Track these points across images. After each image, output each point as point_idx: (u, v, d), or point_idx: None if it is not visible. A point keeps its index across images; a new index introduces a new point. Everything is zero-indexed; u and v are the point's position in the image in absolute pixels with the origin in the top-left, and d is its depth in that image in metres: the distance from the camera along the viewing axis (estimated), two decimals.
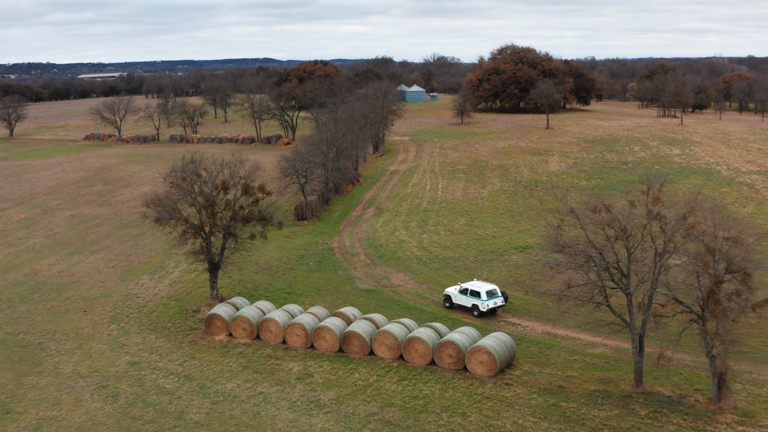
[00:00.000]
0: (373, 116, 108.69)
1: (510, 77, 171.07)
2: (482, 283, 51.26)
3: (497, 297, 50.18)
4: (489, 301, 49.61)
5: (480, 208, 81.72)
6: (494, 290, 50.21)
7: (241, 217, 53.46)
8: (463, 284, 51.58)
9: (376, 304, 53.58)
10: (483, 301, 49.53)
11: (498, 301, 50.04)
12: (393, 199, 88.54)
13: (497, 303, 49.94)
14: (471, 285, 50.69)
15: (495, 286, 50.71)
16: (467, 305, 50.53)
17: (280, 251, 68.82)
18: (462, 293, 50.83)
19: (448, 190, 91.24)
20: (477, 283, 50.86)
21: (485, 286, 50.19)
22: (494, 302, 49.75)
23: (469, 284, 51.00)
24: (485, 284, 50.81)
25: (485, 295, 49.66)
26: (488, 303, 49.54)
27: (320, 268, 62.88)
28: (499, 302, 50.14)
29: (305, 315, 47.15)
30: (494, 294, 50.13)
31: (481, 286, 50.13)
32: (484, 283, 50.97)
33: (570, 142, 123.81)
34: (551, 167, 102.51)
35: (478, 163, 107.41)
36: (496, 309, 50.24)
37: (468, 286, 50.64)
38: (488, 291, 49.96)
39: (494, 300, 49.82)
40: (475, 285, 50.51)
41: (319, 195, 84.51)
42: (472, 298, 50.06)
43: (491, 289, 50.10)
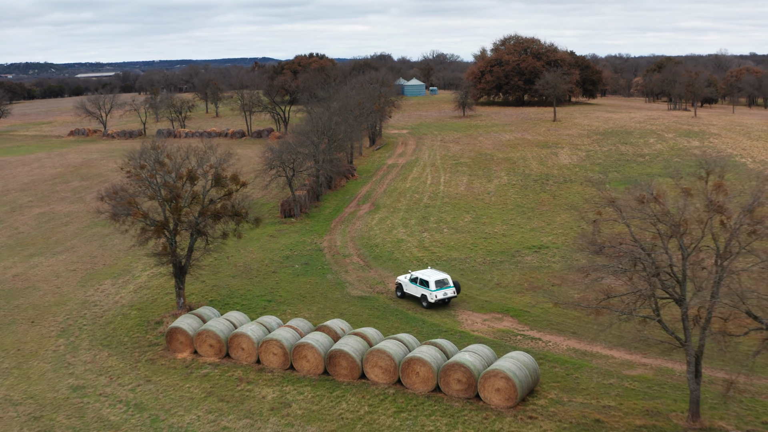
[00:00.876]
0: (369, 105, 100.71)
1: (514, 68, 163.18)
2: (433, 271, 47.51)
3: (448, 287, 46.39)
4: (438, 291, 45.92)
5: (487, 204, 73.84)
6: (445, 280, 46.51)
7: (211, 212, 45.61)
8: (414, 272, 47.91)
9: (370, 315, 45.70)
10: (431, 291, 45.86)
11: (449, 292, 46.29)
12: (390, 194, 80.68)
13: (447, 294, 46.20)
14: (421, 274, 47.12)
15: (446, 276, 46.89)
16: (417, 295, 47.05)
17: (263, 252, 60.92)
18: (412, 282, 47.33)
19: (451, 185, 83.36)
20: (427, 272, 47.29)
21: (435, 276, 46.50)
22: (444, 293, 46.05)
23: (420, 273, 47.41)
24: (436, 273, 47.09)
25: (434, 285, 45.94)
26: (437, 294, 45.85)
27: (307, 272, 55.02)
28: (450, 293, 46.33)
29: (284, 329, 39.25)
30: (445, 284, 46.40)
31: (431, 275, 46.47)
32: (435, 272, 47.26)
33: (579, 134, 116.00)
34: (562, 160, 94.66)
35: (482, 156, 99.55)
36: (446, 300, 46.49)
37: (418, 275, 47.02)
38: (438, 281, 46.13)
39: (444, 291, 46.11)
40: (425, 274, 46.93)
41: (308, 190, 76.64)
42: (421, 287, 46.54)
43: (441, 279, 46.38)
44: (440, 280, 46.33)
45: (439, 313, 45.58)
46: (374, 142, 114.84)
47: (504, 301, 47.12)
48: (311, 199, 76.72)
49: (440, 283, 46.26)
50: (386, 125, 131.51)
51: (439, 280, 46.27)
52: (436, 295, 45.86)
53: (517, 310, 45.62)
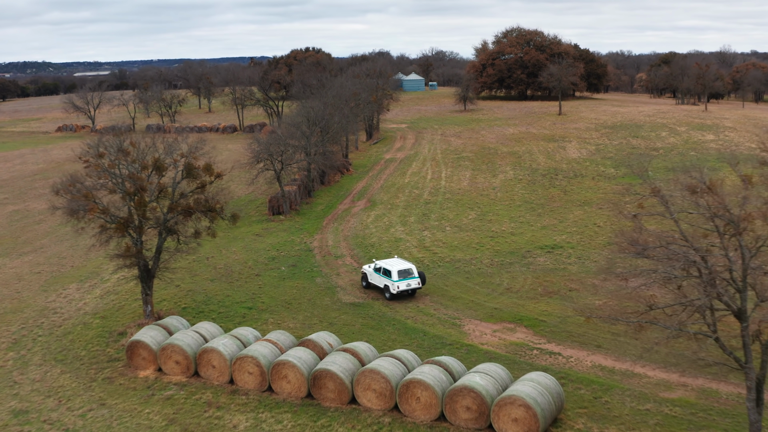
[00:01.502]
0: (365, 96, 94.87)
1: (516, 61, 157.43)
2: (397, 261, 44.87)
3: (412, 278, 43.53)
4: (401, 282, 43.05)
5: (492, 200, 68.12)
6: (408, 270, 43.67)
7: (181, 207, 39.90)
8: (378, 262, 45.08)
9: (363, 325, 39.98)
10: (393, 281, 43.01)
11: (412, 283, 43.41)
12: (388, 189, 74.95)
13: (411, 285, 43.33)
14: (384, 263, 44.41)
15: (411, 266, 44.09)
16: (380, 286, 44.33)
17: (246, 252, 55.20)
18: (376, 272, 44.61)
19: (453, 180, 77.63)
20: (390, 261, 44.62)
21: (398, 265, 43.74)
22: (407, 284, 43.21)
23: (383, 262, 44.72)
24: (400, 262, 44.33)
25: (396, 275, 43.08)
26: (399, 284, 42.96)
27: (294, 275, 49.30)
28: (414, 284, 43.44)
29: (261, 344, 33.53)
30: (408, 274, 43.56)
31: (394, 265, 43.74)
32: (399, 261, 44.58)
33: (587, 128, 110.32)
34: (570, 154, 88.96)
35: (485, 151, 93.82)
36: (410, 292, 43.58)
37: (382, 265, 44.28)
38: (400, 270, 43.29)
39: (407, 282, 43.26)
40: (388, 263, 44.23)
41: (299, 185, 70.91)
42: (384, 278, 43.77)
43: (405, 269, 43.54)
44: (404, 270, 43.42)
45: (443, 323, 39.85)
46: (371, 136, 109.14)
47: (516, 309, 41.44)
48: (302, 195, 71.03)
49: (403, 273, 43.36)
50: (384, 119, 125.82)
51: (403, 270, 43.36)
52: (398, 285, 42.94)
53: (531, 319, 39.94)
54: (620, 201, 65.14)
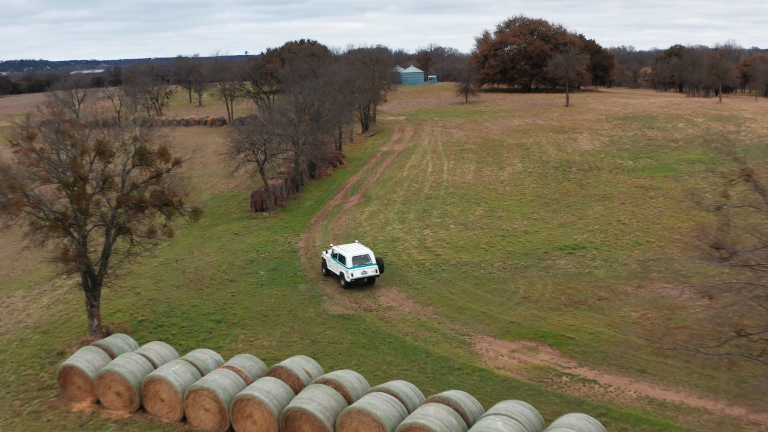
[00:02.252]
0: (361, 83, 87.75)
1: (520, 52, 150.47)
2: (355, 246, 41.47)
3: (368, 265, 39.89)
4: (356, 269, 39.58)
5: (500, 195, 61.11)
6: (365, 256, 40.04)
7: (132, 201, 32.92)
8: (336, 247, 41.71)
9: (353, 343, 33.00)
10: (348, 269, 39.59)
11: (369, 270, 39.83)
12: (384, 183, 67.96)
13: (367, 273, 39.73)
14: (340, 248, 41.15)
15: (367, 251, 40.37)
16: (337, 273, 41.00)
17: (222, 254, 48.23)
18: (333, 258, 41.34)
19: (456, 173, 70.64)
20: (347, 247, 41.33)
21: (353, 251, 40.40)
22: (363, 271, 39.66)
23: (340, 247, 41.39)
24: (356, 248, 40.95)
25: (350, 262, 39.63)
26: (354, 272, 39.51)
27: (274, 280, 42.32)
28: (371, 272, 39.83)
29: (222, 372, 26.56)
30: (364, 261, 39.91)
31: (348, 251, 40.46)
32: (355, 247, 41.20)
33: (597, 119, 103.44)
34: (583, 146, 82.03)
35: (490, 143, 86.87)
36: (365, 280, 40.10)
37: (338, 250, 40.92)
38: (355, 257, 39.82)
39: (363, 269, 39.70)
40: (344, 248, 40.98)
41: (286, 179, 63.91)
42: (340, 264, 40.45)
43: (360, 255, 39.99)
44: (359, 256, 39.86)
45: (449, 341, 32.87)
46: (367, 128, 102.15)
47: (537, 323, 34.49)
48: (289, 190, 64.04)
49: (359, 259, 39.79)
50: (381, 111, 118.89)
51: (358, 256, 39.81)
52: (352, 273, 39.49)
53: (556, 335, 32.99)
54: (644, 195, 58.32)
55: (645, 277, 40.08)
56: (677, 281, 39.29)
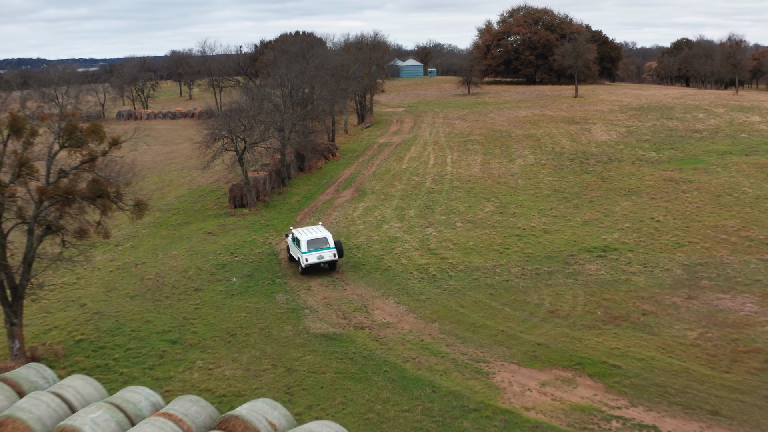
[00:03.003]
0: (356, 69, 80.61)
1: (524, 42, 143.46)
2: (313, 229, 38.16)
3: (325, 249, 36.56)
4: (311, 253, 36.24)
5: (513, 189, 54.07)
6: (321, 239, 36.73)
7: (59, 191, 25.88)
8: (295, 230, 38.53)
9: (338, 373, 25.95)
10: (303, 253, 36.32)
11: (325, 255, 36.49)
12: (381, 177, 60.92)
13: (323, 257, 36.46)
14: (298, 231, 37.99)
15: (325, 234, 37.05)
16: (296, 258, 37.82)
17: (190, 257, 41.20)
18: (293, 242, 38.15)
19: (462, 165, 63.60)
20: (304, 230, 38.16)
21: (309, 234, 37.11)
22: (319, 256, 36.36)
23: (298, 230, 38.13)
24: (314, 231, 37.67)
25: (305, 246, 36.34)
26: (309, 257, 36.20)
27: (247, 289, 35.30)
28: (327, 257, 36.51)
29: (156, 423, 19.56)
30: (321, 245, 36.60)
31: (304, 234, 37.17)
32: (313, 230, 37.91)
33: (610, 110, 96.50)
34: (598, 136, 75.06)
35: (496, 133, 79.89)
36: (323, 265, 37.01)
37: (296, 234, 37.73)
38: (311, 240, 36.48)
39: (319, 253, 36.38)
40: (301, 231, 37.80)
41: (271, 171, 56.88)
42: (297, 248, 37.25)
43: (316, 238, 36.65)
44: (315, 239, 36.48)
45: (461, 369, 25.85)
46: (363, 119, 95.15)
47: (570, 345, 27.49)
48: (274, 184, 57.00)
49: (315, 243, 36.43)
50: (378, 103, 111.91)
51: (314, 240, 36.43)
52: (307, 258, 36.10)
53: (596, 362, 26.01)
54: (676, 189, 51.40)
55: (695, 286, 33.12)
56: (734, 290, 32.37)
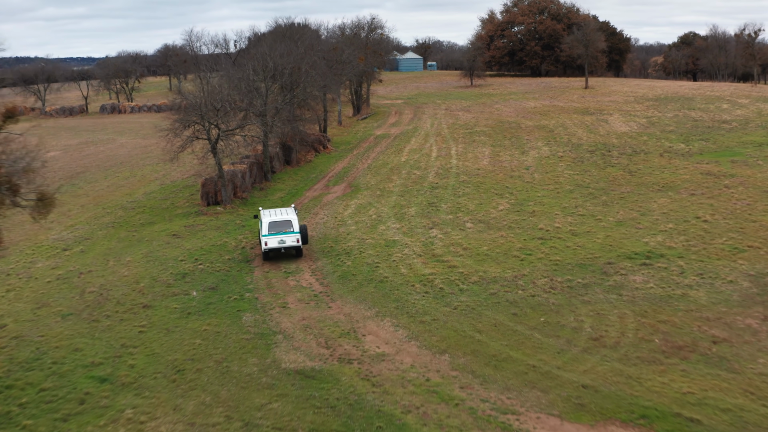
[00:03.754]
0: (349, 53, 73.55)
1: (529, 32, 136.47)
2: (281, 211, 34.55)
3: (288, 233, 32.89)
4: (271, 237, 32.66)
5: (528, 183, 47.05)
6: (284, 222, 33.02)
7: None
8: (263, 211, 35.13)
9: (315, 430, 19.01)
10: (263, 236, 32.86)
11: (288, 240, 32.81)
12: (377, 171, 53.94)
13: (285, 242, 32.79)
14: (264, 213, 34.44)
15: (289, 217, 33.25)
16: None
17: (146, 264, 34.21)
18: (261, 224, 34.27)
19: (468, 158, 56.60)
20: (269, 211, 34.64)
21: (273, 216, 33.52)
22: (280, 240, 32.74)
23: (265, 212, 34.70)
24: (280, 213, 34.01)
25: (266, 228, 32.94)
26: (269, 240, 32.64)
27: (208, 306, 28.29)
28: (290, 242, 32.81)
29: None
30: (284, 228, 32.92)
31: (267, 215, 33.66)
32: (279, 211, 34.29)
33: (626, 100, 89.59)
34: (617, 127, 68.16)
35: (504, 125, 72.98)
36: (284, 251, 33.28)
37: (261, 215, 34.28)
38: (272, 222, 33.00)
39: (281, 237, 32.78)
40: (265, 213, 34.22)
41: (252, 165, 49.93)
42: (260, 231, 33.84)
43: (278, 221, 33.08)
44: (277, 221, 33.18)
45: (482, 424, 18.86)
46: (359, 110, 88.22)
47: (627, 388, 20.50)
48: (256, 178, 50.06)
49: (276, 225, 33.10)
50: (374, 94, 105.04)
51: (276, 222, 33.14)
52: (267, 242, 32.86)
53: (666, 415, 19.02)
54: (717, 184, 44.52)
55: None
56: None
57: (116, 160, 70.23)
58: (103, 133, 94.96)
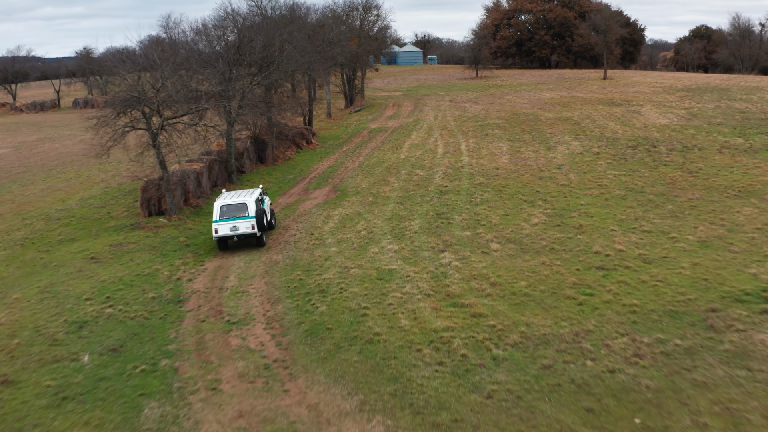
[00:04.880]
0: (339, 32, 63.10)
1: (538, 20, 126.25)
2: (241, 192, 29.12)
3: (241, 219, 27.25)
4: (222, 223, 27.33)
5: (565, 186, 36.62)
6: (237, 206, 27.52)
7: None
8: (225, 192, 30.18)
9: None
10: (213, 222, 27.60)
11: (241, 226, 27.23)
12: (370, 170, 43.58)
13: (238, 230, 27.34)
14: (222, 195, 29.22)
15: (245, 200, 27.52)
16: None
17: (38, 305, 23.90)
18: None
19: (483, 154, 46.26)
20: (231, 194, 29.21)
21: (228, 198, 28.31)
22: (232, 227, 27.23)
23: (227, 193, 29.47)
24: (238, 195, 28.60)
25: (217, 213, 27.55)
26: (220, 227, 27.36)
27: (98, 385, 17.94)
28: (243, 228, 27.28)
29: None
30: (237, 212, 27.37)
31: (221, 198, 28.53)
32: (240, 194, 28.84)
33: (653, 91, 79.37)
34: (654, 119, 57.95)
35: (520, 117, 62.77)
36: (238, 239, 28.00)
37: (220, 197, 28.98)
38: (225, 206, 27.64)
39: (233, 223, 27.24)
40: (224, 195, 29.10)
41: (211, 163, 39.64)
42: None
43: (231, 204, 27.59)
44: (230, 205, 27.42)
45: None
46: (352, 102, 77.93)
47: None
48: (217, 180, 39.77)
49: (229, 210, 27.34)
50: (370, 87, 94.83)
51: (229, 206, 27.39)
52: (217, 228, 27.31)
53: None
54: None
55: None
56: None
57: (66, 158, 60.08)
58: (67, 129, 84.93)
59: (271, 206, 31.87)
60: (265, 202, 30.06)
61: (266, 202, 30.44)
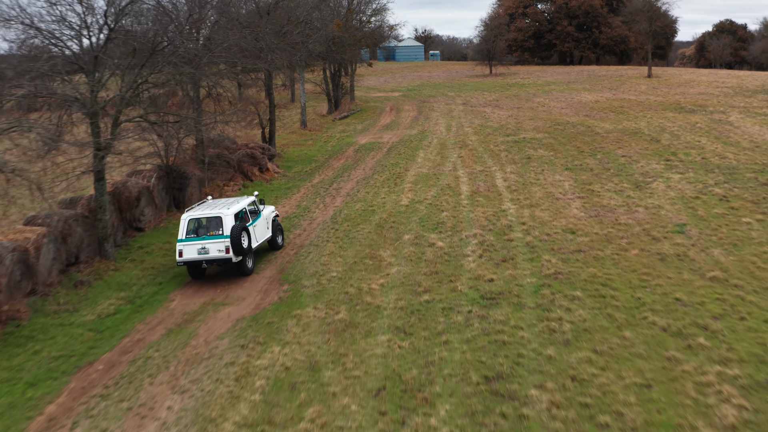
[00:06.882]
0: (311, 11, 45.54)
1: (559, 9, 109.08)
2: (223, 201, 22.25)
3: (212, 238, 20.18)
4: (188, 243, 20.19)
5: (720, 283, 19.11)
6: (209, 221, 20.55)
7: None
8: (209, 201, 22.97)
9: None
10: (178, 241, 20.45)
11: (212, 248, 20.07)
12: (351, 230, 26.02)
13: (209, 253, 20.09)
14: (202, 205, 22.21)
15: (219, 213, 20.38)
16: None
17: None
18: None
19: (536, 198, 28.64)
20: (213, 203, 22.34)
21: (201, 210, 21.11)
22: (201, 248, 20.12)
23: (211, 202, 22.44)
24: (214, 205, 21.67)
25: (183, 229, 20.48)
26: (185, 248, 20.18)
27: None
28: (214, 252, 20.09)
29: None
30: (207, 230, 20.50)
31: (194, 210, 21.34)
32: (220, 203, 21.93)
33: (722, 93, 62.17)
34: (758, 133, 40.76)
35: (566, 128, 45.49)
36: (209, 264, 20.71)
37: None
38: (192, 220, 20.61)
39: (202, 244, 20.12)
40: (202, 205, 22.05)
41: (59, 230, 22.21)
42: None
43: (201, 217, 20.67)
44: (200, 219, 20.63)
45: None
46: (338, 106, 60.54)
47: None
48: (79, 254, 22.38)
49: (199, 227, 20.58)
50: (361, 86, 77.63)
51: (198, 220, 20.65)
52: (182, 250, 20.23)
53: None
54: None
55: None
56: None
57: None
58: None
59: (276, 218, 23.84)
60: (260, 215, 22.28)
61: (261, 215, 22.45)
